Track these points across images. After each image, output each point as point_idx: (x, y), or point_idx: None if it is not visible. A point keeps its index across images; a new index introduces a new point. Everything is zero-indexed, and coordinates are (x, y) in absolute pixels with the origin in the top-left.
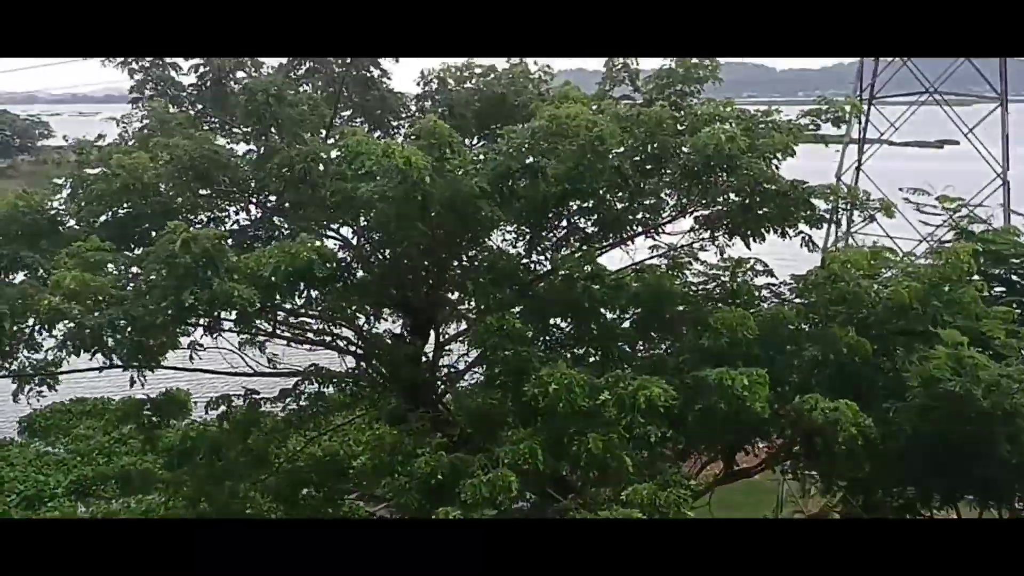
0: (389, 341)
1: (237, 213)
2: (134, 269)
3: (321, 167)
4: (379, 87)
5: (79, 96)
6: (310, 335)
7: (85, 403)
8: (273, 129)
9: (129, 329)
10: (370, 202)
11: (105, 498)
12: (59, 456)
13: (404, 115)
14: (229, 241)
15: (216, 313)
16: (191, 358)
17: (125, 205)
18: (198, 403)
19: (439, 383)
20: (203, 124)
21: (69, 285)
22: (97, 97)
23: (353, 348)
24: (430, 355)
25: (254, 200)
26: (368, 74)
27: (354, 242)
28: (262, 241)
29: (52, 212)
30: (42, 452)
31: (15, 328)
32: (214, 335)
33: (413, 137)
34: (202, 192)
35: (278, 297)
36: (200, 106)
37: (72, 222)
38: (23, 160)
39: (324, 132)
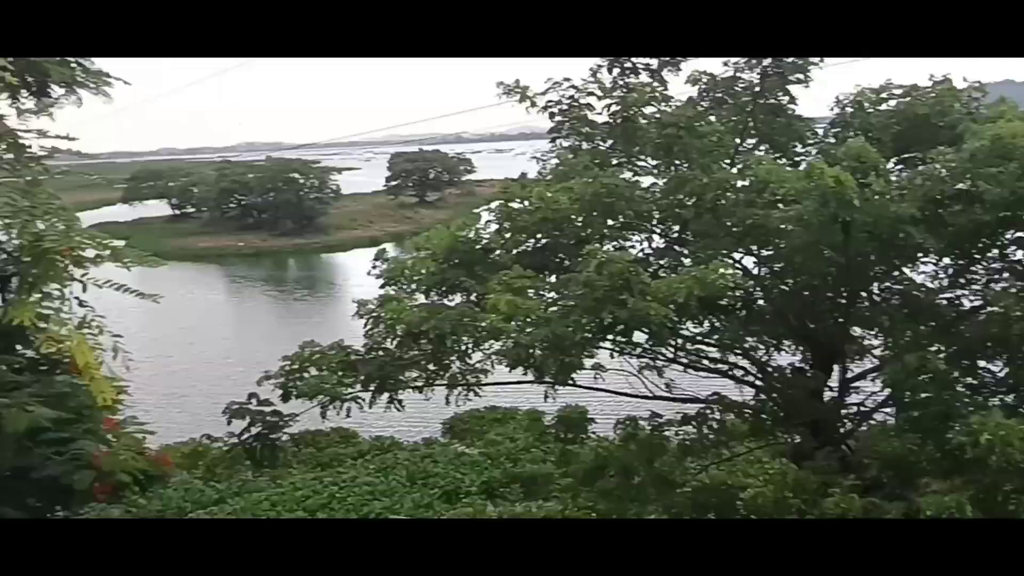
0: (789, 374)
1: (641, 243)
2: (552, 294)
3: (730, 195)
4: (786, 113)
5: (497, 135)
6: (706, 362)
7: (497, 411)
8: (680, 160)
9: (552, 347)
10: (780, 230)
11: (510, 500)
12: (473, 457)
13: (811, 141)
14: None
15: (630, 334)
16: (595, 378)
17: (542, 235)
18: (599, 421)
19: (845, 421)
20: (612, 159)
21: (503, 308)
22: (512, 135)
23: (750, 378)
24: (834, 391)
25: (658, 230)
26: (776, 101)
27: (755, 271)
28: (665, 270)
29: (484, 241)
30: (460, 452)
31: (452, 343)
32: (621, 356)
33: (829, 162)
34: (609, 223)
35: (684, 322)
36: (610, 141)
37: (498, 250)
38: (450, 193)
39: (729, 161)
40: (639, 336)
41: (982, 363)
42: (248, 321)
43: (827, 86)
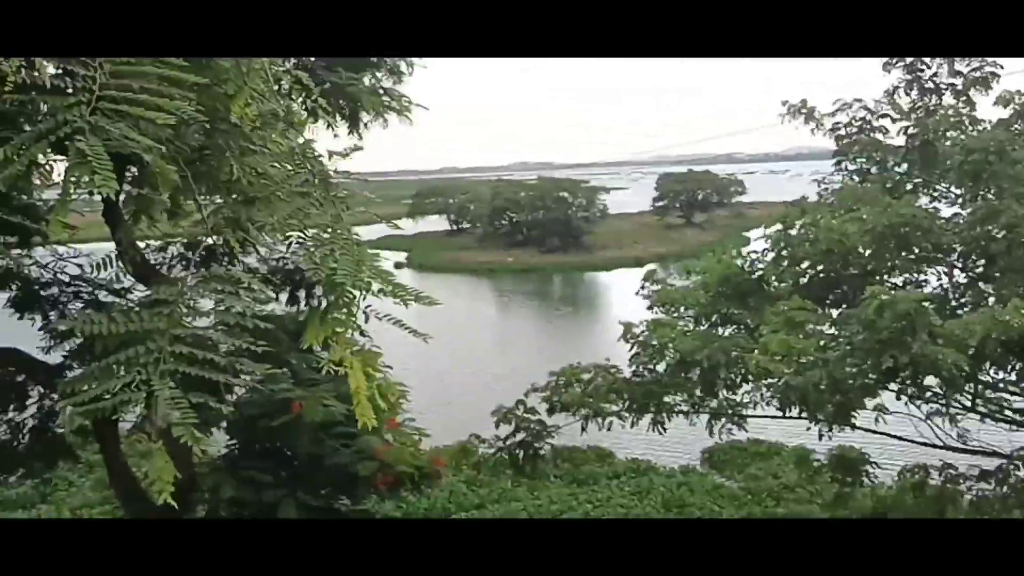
0: None
1: (939, 278)
2: (832, 330)
3: None
4: None
5: (770, 155)
6: (1010, 413)
7: (760, 445)
8: (989, 189)
9: (829, 389)
10: None
11: None
12: (733, 491)
13: None
14: (930, 306)
15: (918, 378)
16: (876, 420)
17: (823, 267)
18: (881, 466)
19: None
20: (906, 185)
21: (775, 347)
22: (788, 156)
23: None
24: None
25: (959, 265)
26: None
27: None
28: (965, 308)
29: (759, 272)
30: (717, 484)
31: (722, 375)
32: (909, 401)
33: None
34: (902, 255)
35: (983, 368)
36: (904, 166)
37: (774, 278)
38: (718, 215)
39: None
40: (931, 380)
41: None
42: (513, 333)
43: None
